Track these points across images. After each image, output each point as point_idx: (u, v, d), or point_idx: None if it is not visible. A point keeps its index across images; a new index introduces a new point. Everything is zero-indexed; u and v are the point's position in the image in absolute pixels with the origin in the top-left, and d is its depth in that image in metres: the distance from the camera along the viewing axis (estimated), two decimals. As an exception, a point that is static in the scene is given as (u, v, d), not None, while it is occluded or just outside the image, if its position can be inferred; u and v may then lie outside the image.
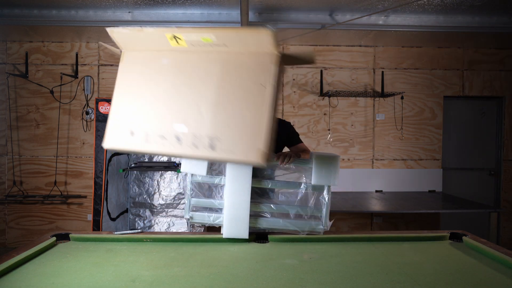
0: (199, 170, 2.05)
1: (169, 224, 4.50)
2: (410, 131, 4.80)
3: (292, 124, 2.64)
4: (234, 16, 3.89)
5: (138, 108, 1.60)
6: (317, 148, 4.74)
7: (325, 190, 2.06)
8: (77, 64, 4.62)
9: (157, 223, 4.54)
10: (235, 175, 2.04)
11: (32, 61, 4.61)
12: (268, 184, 2.11)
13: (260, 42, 1.44)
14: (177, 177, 4.53)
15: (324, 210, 2.06)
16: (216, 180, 2.11)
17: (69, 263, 1.70)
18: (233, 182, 2.03)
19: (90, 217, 4.57)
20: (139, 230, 2.22)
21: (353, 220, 4.77)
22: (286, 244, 2.00)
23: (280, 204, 2.11)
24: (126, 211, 4.50)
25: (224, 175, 2.08)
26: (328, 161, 2.01)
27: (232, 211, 2.02)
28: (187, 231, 4.28)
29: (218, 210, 2.12)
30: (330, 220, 2.08)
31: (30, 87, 4.60)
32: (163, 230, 4.49)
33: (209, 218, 2.10)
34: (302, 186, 2.08)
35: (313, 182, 2.02)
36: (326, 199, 2.06)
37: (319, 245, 1.99)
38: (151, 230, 4.50)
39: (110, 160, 4.00)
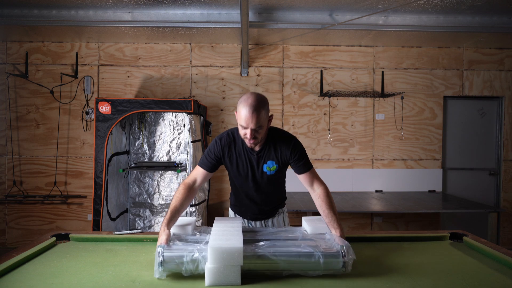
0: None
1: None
2: (410, 131, 4.80)
3: (297, 141, 2.09)
4: (234, 16, 3.89)
5: None
6: (317, 148, 4.75)
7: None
8: (77, 64, 4.62)
9: (157, 223, 4.54)
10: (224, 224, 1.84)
11: (32, 61, 4.61)
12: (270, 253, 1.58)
13: None
14: (177, 177, 4.53)
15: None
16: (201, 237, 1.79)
17: (69, 263, 1.70)
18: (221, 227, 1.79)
19: (90, 217, 4.57)
20: (139, 230, 2.21)
21: (353, 220, 4.77)
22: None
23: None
24: (126, 211, 4.50)
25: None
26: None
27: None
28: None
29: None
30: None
31: (30, 87, 4.60)
32: (163, 230, 4.49)
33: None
34: (315, 257, 1.55)
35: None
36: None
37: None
38: (151, 230, 4.50)
39: (110, 160, 4.00)
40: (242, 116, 1.84)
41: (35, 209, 4.63)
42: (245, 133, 1.89)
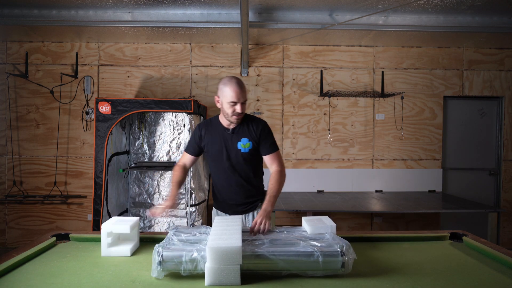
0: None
1: (169, 224, 4.50)
2: (410, 131, 4.80)
3: (267, 124, 2.36)
4: (234, 16, 3.89)
5: None
6: (317, 148, 4.75)
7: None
8: (77, 64, 4.62)
9: (157, 223, 4.54)
10: (223, 222, 1.87)
11: (32, 61, 4.61)
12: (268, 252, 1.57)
13: None
14: (177, 177, 4.52)
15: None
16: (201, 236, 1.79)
17: (69, 263, 1.70)
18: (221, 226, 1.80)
19: (90, 217, 4.57)
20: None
21: (353, 220, 4.77)
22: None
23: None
24: (126, 211, 4.50)
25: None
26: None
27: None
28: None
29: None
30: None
31: (30, 87, 4.60)
32: (163, 230, 4.49)
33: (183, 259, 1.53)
34: (314, 256, 1.54)
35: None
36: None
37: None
38: (151, 230, 4.50)
39: (110, 160, 4.00)
40: (233, 93, 2.13)
41: (35, 209, 4.63)
42: (234, 109, 2.15)
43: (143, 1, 3.59)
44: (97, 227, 3.73)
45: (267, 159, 2.30)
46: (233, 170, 2.29)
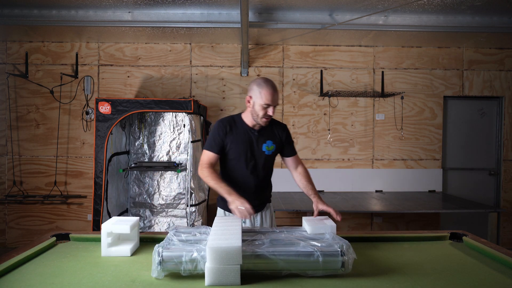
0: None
1: (169, 224, 4.50)
2: (410, 131, 4.80)
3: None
4: (234, 16, 3.89)
5: None
6: (317, 148, 4.74)
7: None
8: (77, 64, 4.62)
9: (157, 223, 4.54)
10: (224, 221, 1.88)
11: (32, 61, 4.61)
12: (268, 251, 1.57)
13: None
14: (177, 177, 4.53)
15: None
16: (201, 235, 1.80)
17: (69, 263, 1.70)
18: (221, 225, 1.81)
19: (90, 217, 4.57)
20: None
21: (353, 220, 4.77)
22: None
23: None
24: (126, 211, 4.50)
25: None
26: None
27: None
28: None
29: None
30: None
31: (30, 87, 4.60)
32: (163, 230, 4.49)
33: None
34: (314, 256, 1.54)
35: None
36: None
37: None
38: (151, 230, 4.50)
39: (110, 160, 4.00)
40: (268, 96, 2.10)
41: (35, 209, 4.63)
42: (266, 111, 2.13)
43: (143, 1, 3.59)
44: (97, 227, 3.73)
45: (290, 160, 2.35)
46: (254, 171, 2.26)
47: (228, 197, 2.00)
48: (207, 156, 2.21)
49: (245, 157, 2.23)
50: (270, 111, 2.13)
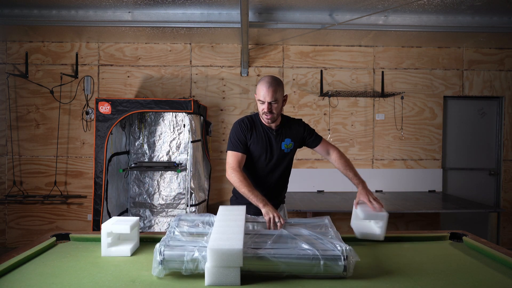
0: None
1: (169, 224, 4.50)
2: (410, 131, 4.80)
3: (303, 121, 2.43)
4: (234, 16, 3.89)
5: None
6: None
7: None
8: (77, 64, 4.62)
9: (157, 223, 4.54)
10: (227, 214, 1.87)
11: (32, 61, 4.61)
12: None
13: None
14: (177, 177, 4.53)
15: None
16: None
17: (69, 263, 1.70)
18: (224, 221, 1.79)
19: (90, 217, 4.57)
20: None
21: (353, 220, 4.77)
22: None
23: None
24: (126, 211, 4.50)
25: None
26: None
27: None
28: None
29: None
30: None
31: (30, 87, 4.60)
32: (163, 230, 4.49)
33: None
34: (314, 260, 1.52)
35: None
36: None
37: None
38: (151, 230, 4.50)
39: (110, 160, 4.00)
40: (260, 91, 2.11)
41: (35, 209, 4.63)
42: (263, 108, 2.13)
43: (143, 1, 3.59)
44: (97, 227, 3.73)
45: (320, 147, 2.34)
46: (273, 170, 2.26)
47: (262, 207, 1.94)
48: (235, 157, 2.15)
49: (265, 157, 2.23)
50: (265, 108, 2.11)
